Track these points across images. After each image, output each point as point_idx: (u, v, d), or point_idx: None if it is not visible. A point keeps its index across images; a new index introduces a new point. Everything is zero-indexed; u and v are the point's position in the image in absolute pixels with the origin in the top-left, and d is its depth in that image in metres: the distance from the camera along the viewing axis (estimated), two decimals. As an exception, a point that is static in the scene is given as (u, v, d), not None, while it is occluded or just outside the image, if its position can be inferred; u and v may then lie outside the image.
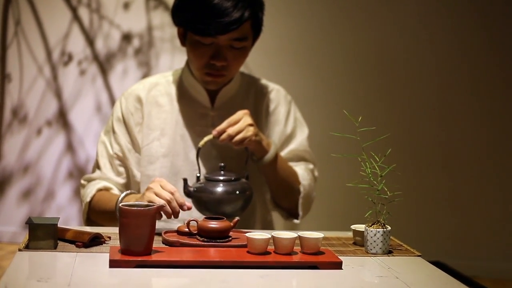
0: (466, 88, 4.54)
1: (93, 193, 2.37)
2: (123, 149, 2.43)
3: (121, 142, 2.43)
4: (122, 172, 2.43)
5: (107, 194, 2.37)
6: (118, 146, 2.43)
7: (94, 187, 2.39)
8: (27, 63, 4.69)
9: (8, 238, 4.79)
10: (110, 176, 2.42)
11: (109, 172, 2.43)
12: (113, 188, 2.41)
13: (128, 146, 2.43)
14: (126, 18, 4.64)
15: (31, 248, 1.86)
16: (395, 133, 4.01)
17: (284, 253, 1.86)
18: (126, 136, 2.43)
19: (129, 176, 2.45)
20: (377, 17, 4.52)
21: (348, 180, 2.04)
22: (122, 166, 2.43)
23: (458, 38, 4.51)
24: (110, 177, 2.42)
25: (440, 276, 1.85)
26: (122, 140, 2.43)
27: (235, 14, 2.25)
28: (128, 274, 1.70)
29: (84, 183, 2.46)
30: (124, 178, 2.44)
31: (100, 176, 2.43)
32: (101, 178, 2.43)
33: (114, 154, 2.43)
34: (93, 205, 2.37)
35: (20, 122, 4.73)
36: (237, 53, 2.34)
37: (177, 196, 2.06)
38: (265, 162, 2.36)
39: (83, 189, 2.44)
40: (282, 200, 2.50)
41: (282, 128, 2.52)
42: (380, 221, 1.99)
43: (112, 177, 2.42)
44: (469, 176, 4.58)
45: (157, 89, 2.47)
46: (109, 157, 2.43)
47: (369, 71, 4.55)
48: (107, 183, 2.41)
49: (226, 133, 2.25)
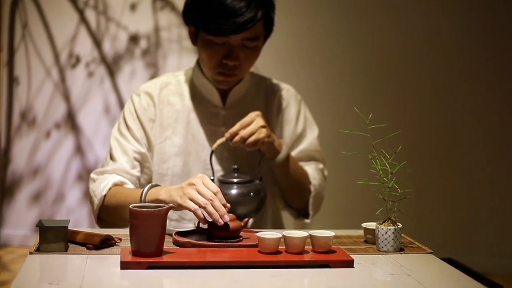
0: (481, 83, 4.53)
1: (109, 186, 2.26)
2: (139, 142, 2.38)
3: (136, 136, 2.38)
4: (136, 166, 2.36)
5: (125, 189, 2.25)
6: (133, 139, 2.38)
7: (109, 180, 2.27)
8: (35, 66, 4.70)
9: (19, 241, 4.80)
10: (126, 168, 2.33)
11: (125, 164, 2.34)
12: (128, 183, 2.31)
13: (143, 140, 2.39)
14: (133, 20, 4.64)
15: (42, 251, 1.86)
16: (405, 130, 4.00)
17: (296, 252, 1.85)
18: (140, 131, 2.39)
19: (142, 170, 2.39)
20: (386, 15, 4.51)
21: (358, 177, 2.04)
22: (136, 160, 2.36)
23: (472, 34, 4.50)
24: (126, 168, 2.33)
25: (453, 273, 1.84)
26: (137, 134, 2.38)
27: (248, 14, 2.24)
28: (140, 276, 1.70)
29: (95, 177, 2.32)
30: (138, 172, 2.36)
31: (115, 168, 2.33)
32: (116, 170, 2.32)
33: (130, 147, 2.36)
34: (108, 199, 2.25)
35: (28, 125, 4.74)
36: (249, 52, 2.34)
37: (220, 197, 1.98)
38: (277, 163, 2.35)
39: (93, 183, 2.31)
40: (293, 199, 2.50)
41: (293, 127, 2.52)
42: (391, 218, 1.98)
43: (128, 169, 2.33)
44: (482, 173, 4.57)
45: (168, 89, 2.46)
46: (123, 150, 2.36)
47: (378, 69, 4.54)
48: (122, 178, 2.30)
49: (239, 136, 2.23)
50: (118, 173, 2.32)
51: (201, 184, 1.98)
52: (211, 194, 1.96)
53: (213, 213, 1.94)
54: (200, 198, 1.95)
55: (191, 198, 1.96)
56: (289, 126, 2.52)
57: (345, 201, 4.43)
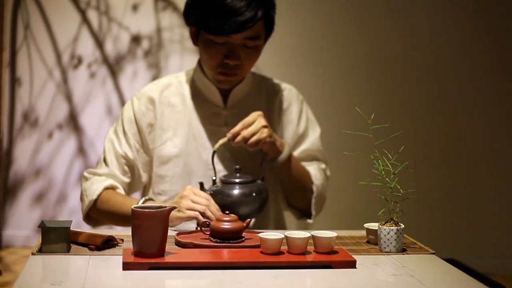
0: (485, 84, 4.52)
1: (100, 190, 2.35)
2: (132, 149, 2.42)
3: (130, 142, 2.42)
4: (127, 171, 2.43)
5: (117, 195, 2.35)
6: (127, 146, 2.42)
7: (100, 184, 2.36)
8: (37, 66, 4.70)
9: (21, 242, 4.80)
10: (116, 174, 2.41)
11: (116, 170, 2.41)
12: (119, 187, 2.39)
13: (137, 146, 2.43)
14: (135, 20, 4.64)
15: (44, 251, 1.86)
16: (407, 130, 3.99)
17: (298, 253, 1.85)
18: (136, 136, 2.43)
19: (134, 176, 2.45)
20: (387, 16, 4.51)
21: (360, 178, 2.03)
22: (128, 165, 2.42)
23: (478, 35, 4.50)
24: (116, 174, 2.41)
25: (455, 273, 1.84)
26: (132, 140, 2.42)
27: (248, 13, 2.25)
28: (142, 277, 1.70)
29: (88, 176, 2.42)
30: (129, 178, 2.43)
31: (107, 173, 2.41)
32: (108, 175, 2.40)
33: (123, 152, 2.41)
34: (100, 204, 2.35)
35: (31, 126, 4.74)
36: (250, 52, 2.34)
37: (213, 202, 2.13)
38: (279, 163, 2.36)
39: (85, 183, 2.41)
40: (295, 199, 2.50)
41: (295, 127, 2.52)
42: (393, 219, 1.97)
43: (118, 175, 2.41)
44: (484, 173, 4.56)
45: (169, 90, 2.47)
46: (116, 155, 2.42)
47: (380, 69, 4.53)
48: (114, 182, 2.39)
49: (241, 136, 2.25)
50: (109, 177, 2.41)
51: (192, 194, 2.14)
52: (205, 200, 2.12)
53: (211, 218, 2.07)
54: (197, 206, 2.10)
55: (188, 208, 2.10)
56: (291, 126, 2.52)
57: (347, 201, 4.42)
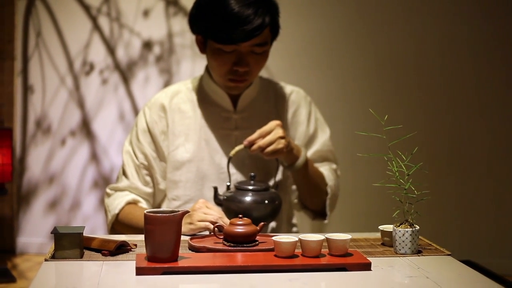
0: (500, 86, 4.51)
1: (122, 205, 2.38)
2: (148, 159, 2.44)
3: (146, 152, 2.43)
4: (148, 181, 2.45)
5: (138, 209, 2.37)
6: (143, 155, 2.44)
7: (123, 199, 2.40)
8: (49, 74, 4.71)
9: (36, 249, 4.81)
10: (138, 186, 2.43)
11: (137, 182, 2.43)
12: (141, 201, 2.42)
13: (153, 155, 2.44)
14: (146, 26, 4.65)
15: (57, 257, 1.86)
16: (421, 131, 3.98)
17: (312, 256, 1.84)
18: (151, 145, 2.44)
19: (155, 185, 2.46)
20: (397, 17, 4.50)
21: (374, 180, 2.02)
22: (148, 175, 2.45)
23: (488, 37, 4.48)
24: (138, 186, 2.43)
25: (471, 274, 1.82)
26: (148, 149, 2.44)
27: (256, 20, 2.26)
28: (155, 281, 1.69)
29: (110, 193, 2.46)
30: (151, 188, 2.45)
31: (128, 186, 2.43)
32: (130, 188, 2.43)
33: (141, 163, 2.44)
34: (121, 217, 2.38)
35: (44, 133, 4.75)
36: (258, 57, 2.35)
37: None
38: (296, 168, 2.37)
39: (108, 199, 2.45)
40: (310, 201, 2.51)
41: (305, 129, 2.52)
42: (408, 220, 1.96)
43: (140, 187, 2.43)
44: (501, 174, 4.54)
45: (179, 97, 2.48)
46: (135, 166, 2.44)
47: (391, 71, 4.52)
48: (136, 196, 2.42)
49: (257, 145, 2.25)
50: (131, 190, 2.44)
51: (204, 207, 2.15)
52: (217, 213, 2.13)
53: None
54: (208, 216, 2.10)
55: (200, 220, 2.11)
56: (301, 128, 2.52)
57: (361, 203, 4.41)
